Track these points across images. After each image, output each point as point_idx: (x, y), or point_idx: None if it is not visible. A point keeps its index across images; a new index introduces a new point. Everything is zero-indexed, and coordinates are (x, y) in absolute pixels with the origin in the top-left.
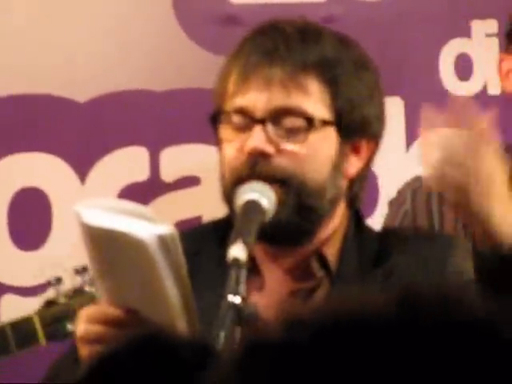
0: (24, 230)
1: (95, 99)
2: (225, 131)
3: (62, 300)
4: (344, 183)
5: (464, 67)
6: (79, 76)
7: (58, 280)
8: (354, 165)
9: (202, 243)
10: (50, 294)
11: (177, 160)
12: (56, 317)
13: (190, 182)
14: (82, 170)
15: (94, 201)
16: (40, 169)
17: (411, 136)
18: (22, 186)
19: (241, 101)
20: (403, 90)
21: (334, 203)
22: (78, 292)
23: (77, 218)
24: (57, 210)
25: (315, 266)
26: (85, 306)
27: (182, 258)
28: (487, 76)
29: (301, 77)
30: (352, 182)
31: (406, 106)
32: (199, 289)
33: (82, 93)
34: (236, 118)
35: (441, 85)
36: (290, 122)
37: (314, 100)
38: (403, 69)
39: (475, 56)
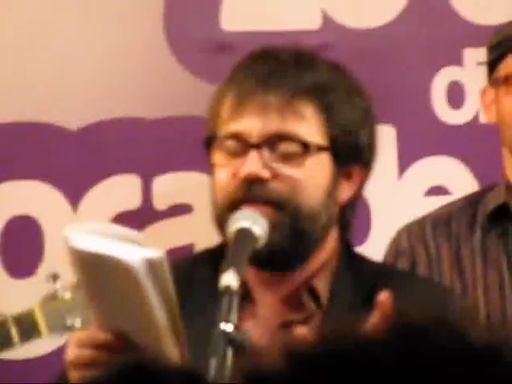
0: (16, 258)
1: (87, 127)
2: (218, 156)
3: (62, 294)
4: (336, 209)
5: (456, 95)
6: (71, 103)
7: (55, 276)
8: (346, 191)
9: (194, 272)
10: (49, 289)
11: (169, 188)
12: (57, 309)
13: (182, 209)
14: (74, 197)
15: (82, 225)
16: (32, 196)
17: (403, 164)
18: (14, 214)
19: (235, 126)
20: (395, 118)
21: (326, 229)
22: (77, 286)
23: (65, 241)
24: (49, 237)
25: (306, 298)
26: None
27: (170, 282)
28: (479, 104)
29: (296, 102)
30: (343, 208)
31: (398, 134)
32: (191, 317)
33: (74, 120)
34: (230, 144)
35: (433, 113)
36: (286, 147)
37: (309, 125)
38: (395, 97)
39: (467, 84)
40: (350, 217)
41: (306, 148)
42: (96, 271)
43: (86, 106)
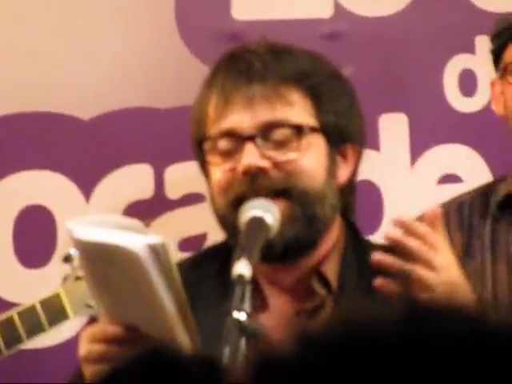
0: (29, 248)
1: (100, 117)
2: (212, 157)
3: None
4: (338, 189)
5: (468, 83)
6: (84, 93)
7: (68, 258)
8: (343, 171)
9: (201, 270)
10: (66, 271)
11: (181, 177)
12: (79, 291)
13: (194, 198)
14: (87, 187)
15: (85, 217)
16: (45, 187)
17: (415, 152)
18: (27, 204)
19: (226, 123)
20: (407, 105)
21: (334, 209)
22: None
23: (69, 234)
24: (62, 227)
25: (316, 285)
26: None
27: (174, 268)
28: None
29: (281, 89)
30: (343, 189)
31: (411, 122)
32: (201, 314)
33: (86, 110)
34: (222, 143)
35: (445, 101)
36: (279, 134)
37: (298, 110)
38: (407, 85)
39: (479, 72)
40: (351, 198)
41: (299, 131)
42: (101, 261)
43: (98, 96)
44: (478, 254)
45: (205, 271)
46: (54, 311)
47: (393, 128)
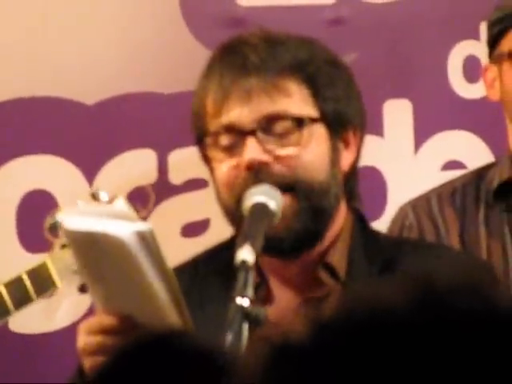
0: (32, 232)
1: (103, 102)
2: (214, 152)
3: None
4: (341, 178)
5: (472, 69)
6: (87, 78)
7: (55, 226)
8: (346, 158)
9: (210, 266)
10: (54, 240)
11: (185, 162)
12: (65, 258)
13: (198, 184)
14: (90, 172)
15: (74, 208)
16: (48, 171)
17: (419, 138)
18: (30, 189)
19: (225, 118)
20: (411, 92)
21: (338, 199)
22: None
23: (59, 226)
24: None
25: (323, 275)
26: None
27: (162, 254)
28: None
29: (279, 81)
30: (346, 176)
31: (415, 109)
32: (209, 310)
33: (90, 95)
34: (223, 138)
35: (449, 87)
36: (280, 126)
37: (297, 100)
38: (411, 71)
39: (484, 58)
40: (354, 184)
41: (300, 122)
42: (92, 251)
43: (102, 81)
44: (473, 238)
45: (214, 266)
46: (42, 280)
47: (397, 114)
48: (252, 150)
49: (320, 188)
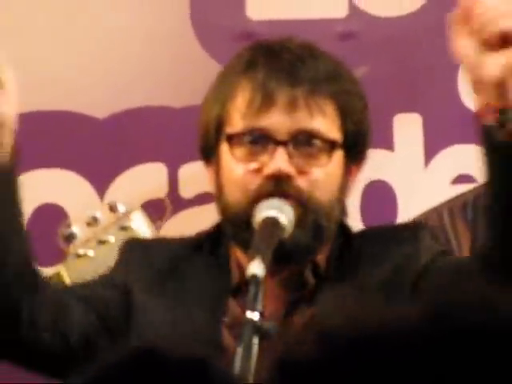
0: (43, 246)
1: (114, 115)
2: (236, 150)
3: (85, 252)
4: (344, 205)
5: None
6: (98, 92)
7: (71, 236)
8: (353, 183)
9: (193, 251)
10: (69, 250)
11: (195, 176)
12: (80, 267)
13: (208, 198)
14: (101, 186)
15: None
16: (59, 185)
17: (429, 152)
18: (42, 202)
19: (263, 122)
20: (422, 106)
21: (337, 223)
22: (100, 242)
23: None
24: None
25: (308, 274)
26: (108, 255)
27: None
28: None
29: (319, 97)
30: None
31: (425, 122)
32: (187, 301)
33: (101, 109)
34: (251, 139)
35: (459, 101)
36: (312, 144)
37: (330, 121)
38: (422, 85)
39: None
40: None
41: (332, 146)
42: None
43: (112, 94)
44: None
45: (197, 253)
46: None
47: (407, 128)
48: (281, 161)
49: (326, 211)
